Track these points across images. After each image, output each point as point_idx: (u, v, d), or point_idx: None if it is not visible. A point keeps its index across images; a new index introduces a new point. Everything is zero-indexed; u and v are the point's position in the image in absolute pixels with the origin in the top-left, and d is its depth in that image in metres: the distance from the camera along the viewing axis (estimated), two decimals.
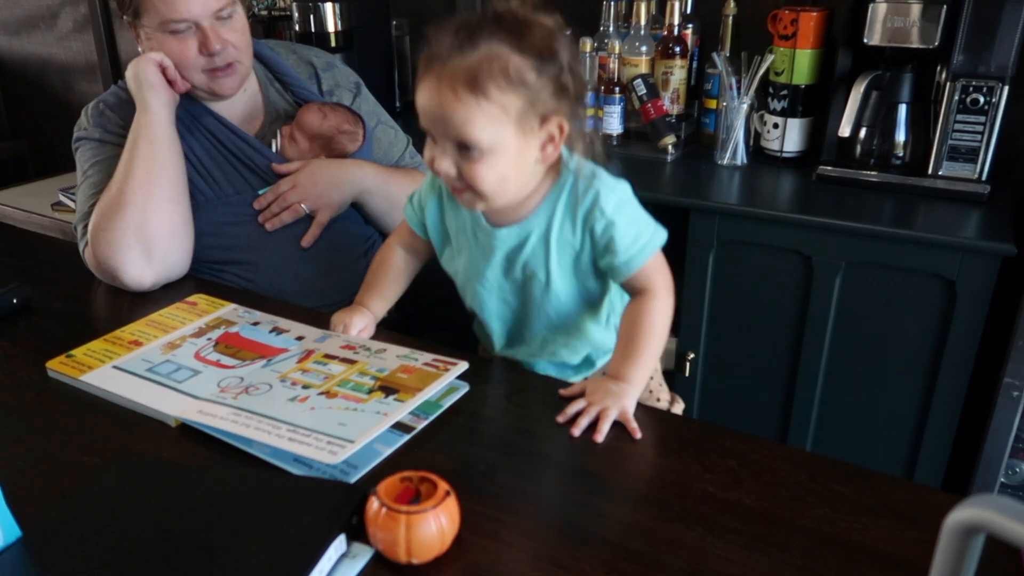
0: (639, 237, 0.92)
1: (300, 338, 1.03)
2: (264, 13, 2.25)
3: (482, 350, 1.24)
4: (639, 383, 0.90)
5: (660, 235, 0.94)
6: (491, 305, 1.03)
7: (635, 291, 0.95)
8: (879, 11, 1.50)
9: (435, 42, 0.81)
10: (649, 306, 0.93)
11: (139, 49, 1.26)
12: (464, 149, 0.83)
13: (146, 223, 1.17)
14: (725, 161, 1.77)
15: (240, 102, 1.34)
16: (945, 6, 1.45)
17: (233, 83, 1.27)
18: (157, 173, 1.18)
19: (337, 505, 0.69)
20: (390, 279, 1.09)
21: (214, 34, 1.20)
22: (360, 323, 1.05)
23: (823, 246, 1.50)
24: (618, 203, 0.91)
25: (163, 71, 1.21)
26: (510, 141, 0.83)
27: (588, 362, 1.08)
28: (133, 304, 1.17)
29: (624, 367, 0.90)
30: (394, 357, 0.97)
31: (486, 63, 0.79)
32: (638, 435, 0.84)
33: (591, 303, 1.01)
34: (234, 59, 1.24)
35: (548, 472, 0.79)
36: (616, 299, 1.03)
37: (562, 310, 1.00)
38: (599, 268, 0.96)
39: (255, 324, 1.08)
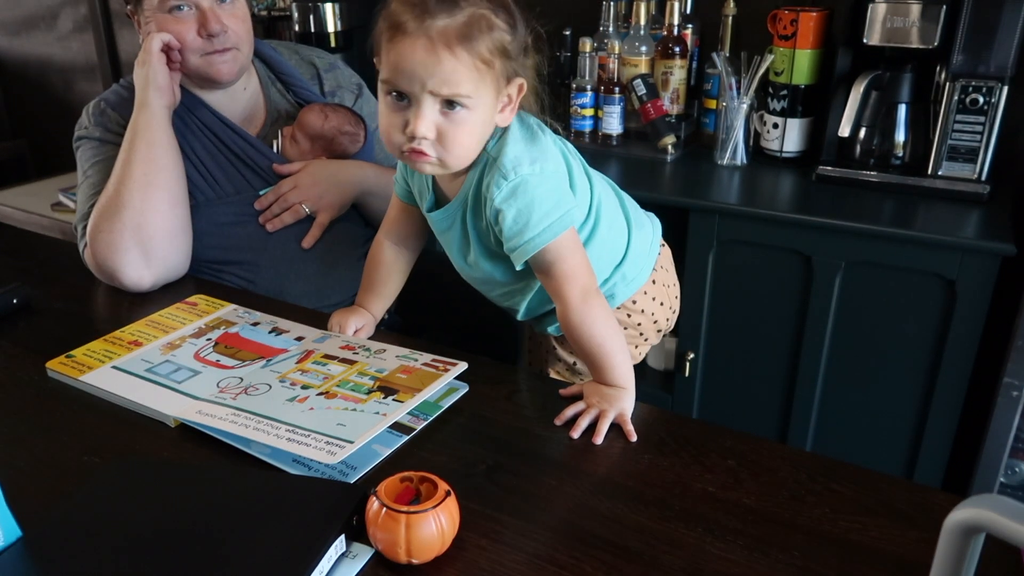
0: (524, 231, 0.87)
1: (300, 339, 1.03)
2: (264, 13, 2.25)
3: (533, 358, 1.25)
4: (628, 383, 0.89)
5: (556, 228, 0.88)
6: (464, 276, 1.05)
7: (551, 293, 0.92)
8: (879, 11, 1.50)
9: (409, 5, 0.81)
10: (570, 319, 0.89)
11: (140, 41, 1.25)
12: (448, 107, 0.83)
13: (144, 225, 1.17)
14: (725, 161, 1.77)
15: (241, 101, 1.34)
16: (945, 6, 1.45)
17: (230, 69, 1.25)
18: (155, 175, 1.18)
19: (337, 505, 0.69)
20: (383, 276, 1.08)
21: (214, 15, 1.20)
22: (356, 323, 1.05)
23: (823, 246, 1.50)
24: (510, 192, 0.87)
25: (167, 53, 1.21)
26: (488, 99, 0.84)
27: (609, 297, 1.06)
28: (133, 304, 1.17)
29: (604, 376, 0.90)
30: (393, 357, 0.97)
31: (475, 20, 0.81)
32: (634, 438, 0.84)
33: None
34: (233, 44, 1.23)
35: (548, 472, 0.79)
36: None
37: (520, 286, 1.01)
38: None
39: (255, 324, 1.08)
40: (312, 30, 1.98)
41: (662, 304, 1.14)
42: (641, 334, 1.15)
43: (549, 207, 0.88)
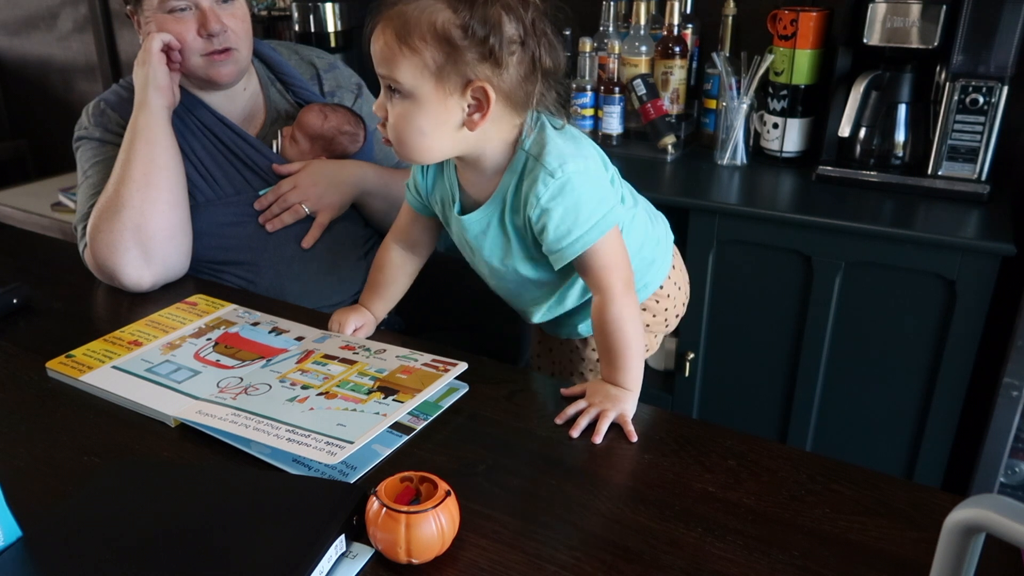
0: (572, 229, 0.88)
1: (300, 338, 1.03)
2: (264, 13, 2.25)
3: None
4: (635, 386, 0.90)
5: (604, 223, 0.89)
6: (491, 282, 1.05)
7: (591, 286, 0.94)
8: (879, 11, 1.50)
9: None
10: (608, 310, 0.90)
11: (140, 41, 1.25)
12: (392, 92, 0.85)
13: (144, 225, 1.17)
14: (725, 161, 1.77)
15: (241, 101, 1.34)
16: (945, 6, 1.45)
17: (230, 71, 1.26)
18: (154, 175, 1.18)
19: (337, 505, 0.69)
20: (389, 279, 1.09)
21: (214, 15, 1.20)
22: (356, 322, 1.05)
23: (823, 246, 1.50)
24: (557, 190, 0.87)
25: (167, 54, 1.21)
26: (429, 95, 0.83)
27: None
28: (133, 304, 1.17)
29: (614, 376, 0.90)
30: (394, 358, 0.97)
31: (417, 13, 0.82)
32: (634, 438, 0.84)
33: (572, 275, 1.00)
34: (233, 45, 1.23)
35: (548, 472, 0.79)
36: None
37: (550, 288, 1.02)
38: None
39: (255, 324, 1.08)
40: (312, 30, 1.98)
41: (680, 288, 1.18)
42: (665, 320, 1.17)
43: (595, 205, 0.88)
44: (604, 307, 0.91)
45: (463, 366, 0.94)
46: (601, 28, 1.90)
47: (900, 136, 1.62)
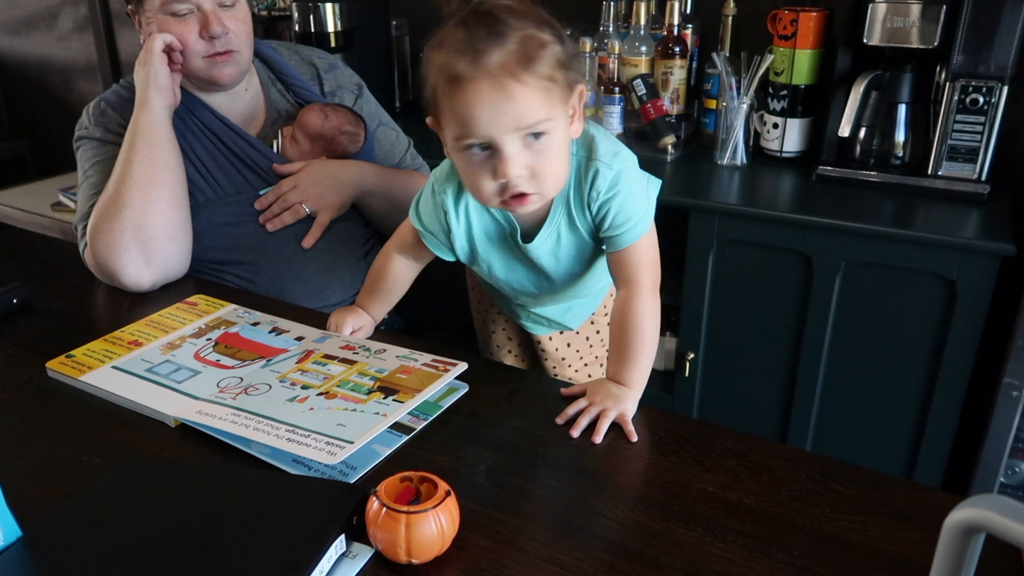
0: (631, 218, 0.91)
1: (300, 338, 1.03)
2: (264, 13, 2.25)
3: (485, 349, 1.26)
4: (639, 386, 0.90)
5: (649, 216, 0.94)
6: (529, 289, 1.05)
7: (621, 280, 0.95)
8: (879, 11, 1.50)
9: (453, 48, 0.78)
10: (634, 304, 0.92)
11: (140, 40, 1.26)
12: (531, 139, 0.81)
13: (144, 225, 1.17)
14: (725, 161, 1.77)
15: (242, 102, 1.34)
16: (945, 6, 1.45)
17: (232, 72, 1.26)
18: (155, 175, 1.18)
19: (337, 505, 0.69)
20: (389, 286, 1.08)
21: (215, 17, 1.20)
22: (354, 323, 1.05)
23: (823, 246, 1.50)
24: (615, 178, 0.90)
25: (169, 54, 1.21)
26: (561, 117, 0.83)
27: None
28: (133, 304, 1.17)
29: (621, 371, 0.90)
30: (394, 358, 0.97)
31: (527, 42, 0.78)
32: (634, 438, 0.84)
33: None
34: (234, 47, 1.24)
35: (548, 472, 0.79)
36: None
37: (587, 275, 1.04)
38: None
39: (255, 324, 1.08)
40: (312, 30, 1.97)
41: None
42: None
43: (642, 193, 0.93)
44: (629, 301, 0.92)
45: (463, 366, 0.94)
46: (601, 28, 1.90)
47: (900, 136, 1.62)
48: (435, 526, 0.65)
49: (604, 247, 0.96)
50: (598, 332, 1.20)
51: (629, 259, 0.93)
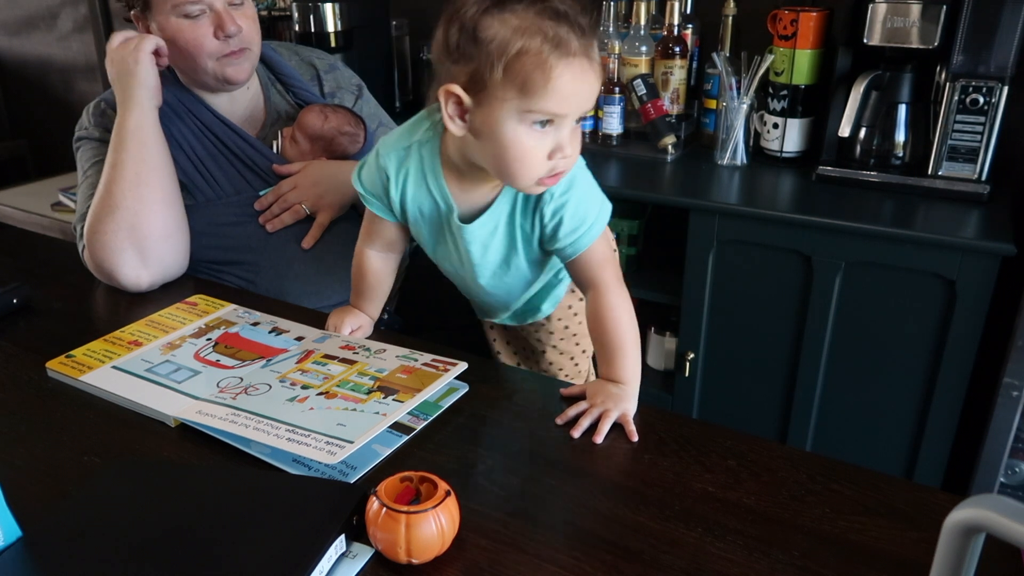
0: (585, 220, 0.90)
1: (300, 338, 1.03)
2: (264, 13, 2.26)
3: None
4: (634, 380, 0.90)
5: (604, 214, 0.92)
6: (471, 286, 1.04)
7: (584, 284, 0.94)
8: (879, 11, 1.50)
9: (566, 22, 0.77)
10: (604, 303, 0.91)
11: None
12: (577, 122, 0.83)
13: (139, 226, 1.17)
14: (725, 161, 1.77)
15: (242, 102, 1.34)
16: (945, 6, 1.45)
17: (244, 70, 1.26)
18: (147, 175, 1.18)
19: (337, 505, 0.69)
20: (374, 283, 1.07)
21: (229, 16, 1.20)
22: (352, 324, 1.05)
23: (823, 246, 1.50)
24: (568, 184, 0.89)
25: (156, 56, 1.20)
26: None
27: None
28: (133, 304, 1.17)
29: (613, 369, 0.90)
30: (394, 357, 0.97)
31: (592, 29, 0.79)
32: (635, 438, 0.84)
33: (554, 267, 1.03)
34: (247, 44, 1.24)
35: (548, 472, 0.79)
36: None
37: (535, 282, 1.03)
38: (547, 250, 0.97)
39: (255, 324, 1.08)
40: (312, 30, 1.97)
41: None
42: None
43: (596, 195, 0.92)
44: (599, 301, 0.92)
45: (463, 366, 0.94)
46: (601, 28, 1.90)
47: (900, 136, 1.62)
48: (435, 526, 0.65)
49: (559, 258, 0.95)
50: (551, 332, 1.19)
51: (589, 261, 0.92)
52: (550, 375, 1.21)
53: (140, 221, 1.17)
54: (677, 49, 1.82)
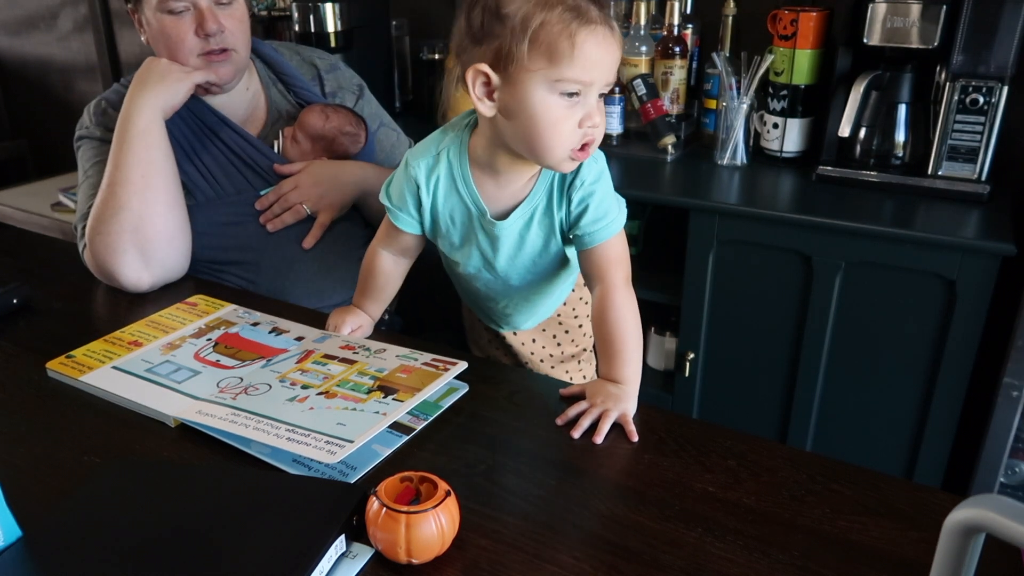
0: (608, 213, 0.93)
1: (300, 338, 1.03)
2: (264, 13, 2.25)
3: (475, 346, 1.25)
4: (634, 380, 0.90)
5: (623, 214, 0.95)
6: (489, 285, 1.05)
7: (594, 278, 0.95)
8: (879, 11, 1.50)
9: None
10: (611, 301, 0.92)
11: (141, 39, 1.26)
12: (603, 96, 0.85)
13: (142, 227, 1.17)
14: (725, 161, 1.77)
15: (243, 102, 1.34)
16: (945, 6, 1.45)
17: (228, 71, 1.26)
18: (152, 177, 1.18)
19: (337, 505, 0.69)
20: (380, 284, 1.07)
21: (211, 15, 1.20)
22: (353, 324, 1.05)
23: (823, 246, 1.50)
24: (598, 173, 0.92)
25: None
26: None
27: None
28: (133, 304, 1.17)
29: (613, 369, 0.90)
30: (393, 357, 0.97)
31: (607, 1, 0.83)
32: (635, 438, 0.84)
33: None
34: (230, 46, 1.24)
35: (548, 472, 0.79)
36: None
37: (550, 274, 1.04)
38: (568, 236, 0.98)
39: (255, 325, 1.08)
40: (312, 30, 1.97)
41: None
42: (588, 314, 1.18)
43: (616, 196, 0.95)
44: (606, 298, 0.92)
45: (463, 366, 0.94)
46: None
47: (900, 136, 1.62)
48: (435, 526, 0.65)
49: (576, 246, 0.96)
50: (567, 332, 1.19)
51: (604, 255, 0.94)
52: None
53: (144, 223, 1.17)
54: (677, 49, 1.82)
